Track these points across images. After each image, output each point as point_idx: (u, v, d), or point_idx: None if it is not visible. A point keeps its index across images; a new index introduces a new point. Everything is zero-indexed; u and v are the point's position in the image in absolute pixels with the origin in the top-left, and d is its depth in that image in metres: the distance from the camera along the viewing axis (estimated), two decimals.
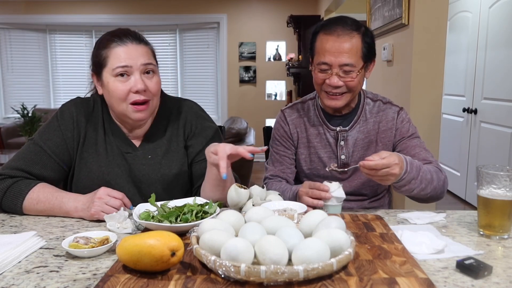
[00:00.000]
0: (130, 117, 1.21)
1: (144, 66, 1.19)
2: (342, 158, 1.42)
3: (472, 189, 3.86)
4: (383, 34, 2.89)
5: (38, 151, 1.22)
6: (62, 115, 1.27)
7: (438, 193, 1.27)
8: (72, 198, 1.15)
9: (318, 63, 1.32)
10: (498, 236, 0.98)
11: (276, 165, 1.50)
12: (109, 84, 1.19)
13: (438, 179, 1.26)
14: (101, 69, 1.20)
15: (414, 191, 1.20)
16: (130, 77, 1.18)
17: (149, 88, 1.20)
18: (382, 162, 1.08)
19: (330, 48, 1.29)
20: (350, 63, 1.28)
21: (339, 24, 1.31)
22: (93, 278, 0.77)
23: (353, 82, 1.31)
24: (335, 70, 1.29)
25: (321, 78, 1.33)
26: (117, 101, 1.19)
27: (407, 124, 1.41)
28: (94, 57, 1.22)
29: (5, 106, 6.46)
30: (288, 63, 5.63)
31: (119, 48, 1.18)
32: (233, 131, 3.96)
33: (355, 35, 1.29)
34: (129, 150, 1.29)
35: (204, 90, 6.48)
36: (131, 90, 1.18)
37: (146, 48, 1.22)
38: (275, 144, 1.51)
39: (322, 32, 1.33)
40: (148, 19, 6.18)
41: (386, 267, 0.78)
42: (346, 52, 1.28)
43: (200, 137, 1.33)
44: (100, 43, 1.22)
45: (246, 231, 0.81)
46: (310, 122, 1.47)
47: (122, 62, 1.17)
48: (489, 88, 3.53)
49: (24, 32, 6.36)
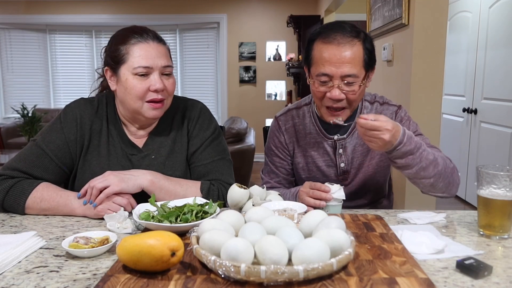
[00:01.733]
0: (144, 115, 1.21)
1: (163, 68, 1.20)
2: (342, 166, 1.39)
3: (472, 189, 3.86)
4: (383, 34, 2.89)
5: (40, 154, 1.22)
6: (65, 117, 1.26)
7: (446, 182, 1.20)
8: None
9: (317, 74, 1.23)
10: (498, 236, 0.98)
11: (272, 176, 1.47)
12: (127, 81, 1.18)
13: (445, 166, 1.20)
14: (119, 65, 1.19)
15: (413, 170, 1.15)
16: (149, 76, 1.19)
17: (167, 88, 1.21)
18: (372, 123, 1.06)
19: (330, 57, 1.19)
20: (352, 74, 1.20)
21: (338, 31, 1.21)
22: (93, 278, 0.77)
23: (355, 95, 1.23)
24: (336, 82, 1.21)
25: (321, 91, 1.24)
26: (134, 98, 1.19)
27: (407, 122, 1.36)
28: (112, 52, 1.21)
29: (5, 106, 6.47)
30: (288, 63, 5.63)
31: (140, 45, 1.18)
32: (233, 131, 3.96)
33: (356, 42, 1.21)
34: (133, 152, 1.28)
35: (204, 90, 6.49)
36: (149, 88, 1.18)
37: (165, 48, 1.23)
38: (270, 154, 1.47)
39: (320, 40, 1.23)
40: (148, 19, 6.18)
41: (386, 267, 0.78)
42: (348, 62, 1.19)
43: (196, 138, 1.31)
44: (118, 38, 1.21)
45: (246, 231, 0.81)
46: (306, 130, 1.41)
47: (143, 62, 1.17)
48: (489, 88, 3.53)
49: (24, 32, 6.36)
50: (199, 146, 1.31)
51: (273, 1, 6.18)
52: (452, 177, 1.23)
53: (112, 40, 1.23)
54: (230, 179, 1.30)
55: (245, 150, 3.83)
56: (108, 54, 1.23)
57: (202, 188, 1.23)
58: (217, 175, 1.29)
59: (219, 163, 1.31)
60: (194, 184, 1.24)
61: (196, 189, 1.22)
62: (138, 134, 1.30)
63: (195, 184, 1.24)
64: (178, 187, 1.20)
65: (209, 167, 1.29)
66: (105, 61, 1.24)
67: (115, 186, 1.10)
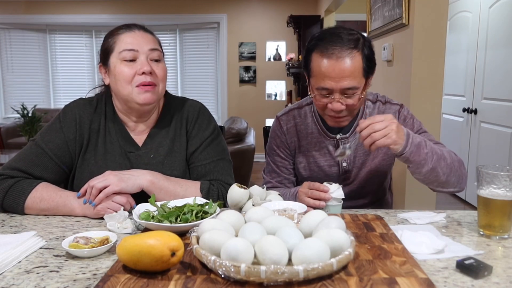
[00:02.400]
0: (136, 100, 1.21)
1: (150, 51, 1.21)
2: (344, 165, 1.39)
3: (472, 189, 3.85)
4: (383, 34, 2.89)
5: (39, 153, 1.22)
6: (64, 117, 1.27)
7: (457, 175, 1.22)
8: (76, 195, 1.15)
9: (317, 88, 1.23)
10: (498, 236, 0.98)
11: (273, 175, 1.47)
12: (115, 68, 1.20)
13: (452, 159, 1.21)
14: (108, 56, 1.22)
15: (428, 164, 1.16)
16: (136, 61, 1.20)
17: (156, 73, 1.22)
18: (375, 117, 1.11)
19: (329, 72, 1.19)
20: (352, 87, 1.20)
21: (336, 43, 1.19)
22: (93, 278, 0.77)
23: (356, 105, 1.25)
24: (336, 95, 1.21)
25: (323, 102, 1.25)
26: (123, 84, 1.20)
27: (410, 120, 1.37)
28: (102, 47, 1.25)
29: (5, 106, 6.47)
30: (288, 63, 5.63)
31: (126, 34, 1.22)
32: (233, 131, 3.96)
33: (355, 54, 1.19)
34: (132, 149, 1.28)
35: (204, 90, 6.49)
36: (137, 72, 1.19)
37: (153, 37, 1.26)
38: (272, 153, 1.47)
39: (318, 52, 1.22)
40: (148, 19, 6.18)
41: (386, 267, 0.78)
42: (347, 76, 1.18)
43: (196, 138, 1.31)
44: (108, 33, 1.26)
45: (246, 231, 0.81)
46: (308, 130, 1.41)
47: (129, 46, 1.19)
48: (489, 88, 3.53)
49: (24, 32, 6.36)
50: (198, 146, 1.31)
51: (273, 1, 6.18)
52: (461, 170, 1.25)
53: (104, 39, 1.27)
54: (229, 179, 1.30)
55: (245, 150, 3.83)
56: (100, 52, 1.27)
57: (202, 188, 1.23)
58: (217, 175, 1.29)
59: (218, 163, 1.31)
60: (194, 184, 1.24)
61: (195, 189, 1.22)
62: (137, 129, 1.30)
63: (194, 184, 1.24)
64: (178, 187, 1.20)
65: (208, 167, 1.30)
66: (99, 58, 1.28)
67: (115, 186, 1.10)
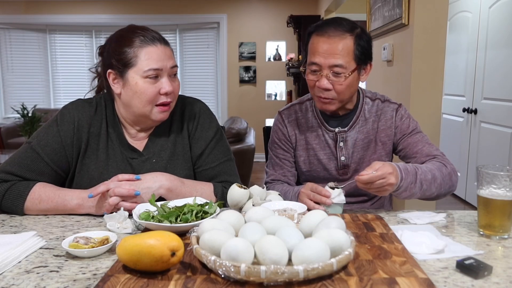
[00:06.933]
0: (152, 118, 1.20)
1: (171, 69, 1.20)
2: (342, 159, 1.41)
3: (472, 189, 3.86)
4: (383, 34, 2.89)
5: (35, 158, 1.19)
6: (62, 119, 1.23)
7: (447, 188, 1.25)
8: (75, 195, 1.14)
9: (309, 63, 1.31)
10: (498, 236, 0.98)
11: (277, 168, 1.48)
12: (137, 84, 1.16)
13: (443, 175, 1.24)
14: (127, 68, 1.16)
15: (417, 195, 1.19)
16: (158, 78, 1.18)
17: (174, 90, 1.21)
18: (377, 174, 1.08)
19: (321, 48, 1.27)
20: (340, 64, 1.26)
21: (331, 25, 1.29)
22: (93, 278, 0.77)
23: (341, 86, 1.28)
24: (325, 71, 1.28)
25: (311, 79, 1.31)
26: (144, 102, 1.17)
27: (407, 120, 1.40)
28: (117, 55, 1.17)
29: (5, 106, 6.47)
30: (288, 63, 5.63)
31: (150, 49, 1.16)
32: (233, 131, 3.96)
33: (347, 36, 1.27)
34: (134, 155, 1.26)
35: (204, 90, 6.49)
36: (160, 92, 1.17)
37: (170, 49, 1.23)
38: (274, 147, 1.49)
39: (315, 32, 1.32)
40: (148, 19, 6.18)
41: (386, 267, 0.78)
42: (336, 53, 1.26)
43: (200, 140, 1.30)
44: (122, 40, 1.18)
45: (246, 231, 0.81)
46: (308, 123, 1.45)
47: (154, 65, 1.15)
48: (489, 88, 3.53)
49: (24, 32, 6.36)
50: (204, 149, 1.29)
51: (273, 1, 6.18)
52: (451, 181, 1.27)
53: (114, 42, 1.19)
54: (237, 179, 1.31)
55: (245, 150, 3.83)
56: (112, 57, 1.18)
57: (216, 192, 1.23)
58: (226, 177, 1.29)
59: (226, 165, 1.31)
60: (208, 187, 1.24)
61: (210, 193, 1.22)
62: (138, 136, 1.28)
63: (208, 187, 1.24)
64: (193, 191, 1.19)
65: (217, 169, 1.30)
66: (108, 63, 1.20)
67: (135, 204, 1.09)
